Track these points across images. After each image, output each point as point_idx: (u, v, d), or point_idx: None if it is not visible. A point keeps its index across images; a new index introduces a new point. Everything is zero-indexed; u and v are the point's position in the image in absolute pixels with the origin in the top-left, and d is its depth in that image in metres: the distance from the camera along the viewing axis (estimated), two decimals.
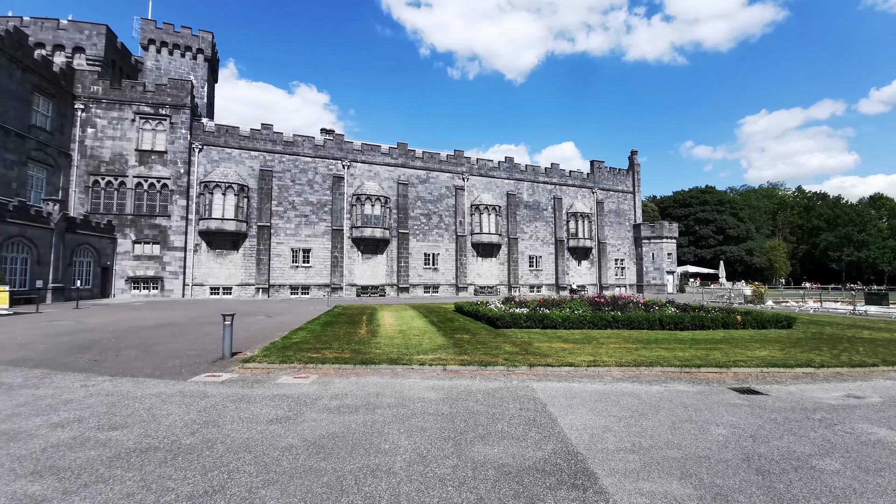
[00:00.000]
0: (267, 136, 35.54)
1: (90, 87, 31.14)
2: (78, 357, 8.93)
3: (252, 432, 4.81)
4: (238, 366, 8.07)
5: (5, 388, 6.45)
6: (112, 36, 37.17)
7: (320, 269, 36.19)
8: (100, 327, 13.71)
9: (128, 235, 31.09)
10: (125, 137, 31.50)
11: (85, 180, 30.61)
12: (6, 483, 3.57)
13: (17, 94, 25.91)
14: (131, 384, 6.84)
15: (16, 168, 25.97)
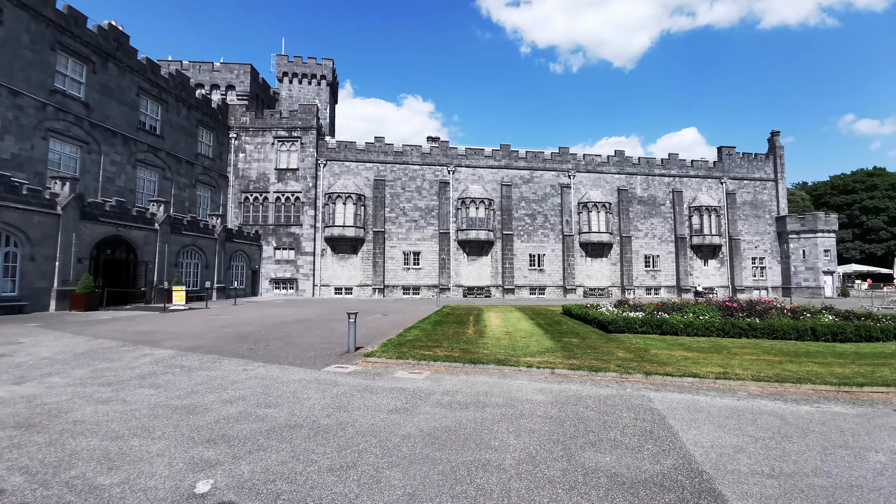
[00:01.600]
0: (379, 149, 38.40)
1: (240, 118, 36.93)
2: (238, 346, 10.71)
3: (375, 419, 5.35)
4: (361, 359, 8.95)
5: (186, 370, 8.05)
6: (255, 73, 43.53)
7: (429, 270, 37.92)
8: (252, 321, 16.20)
9: (270, 242, 36.12)
10: (267, 159, 36.68)
11: (238, 197, 36.36)
12: (187, 449, 4.52)
13: (186, 129, 31.85)
14: (279, 370, 8.03)
15: (188, 189, 31.91)
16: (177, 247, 26.43)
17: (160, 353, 9.54)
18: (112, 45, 25.26)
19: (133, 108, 26.87)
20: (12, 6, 19.69)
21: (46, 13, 21.27)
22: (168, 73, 30.14)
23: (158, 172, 29.13)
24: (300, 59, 47.42)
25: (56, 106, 21.95)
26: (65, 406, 5.74)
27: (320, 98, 47.52)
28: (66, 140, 22.69)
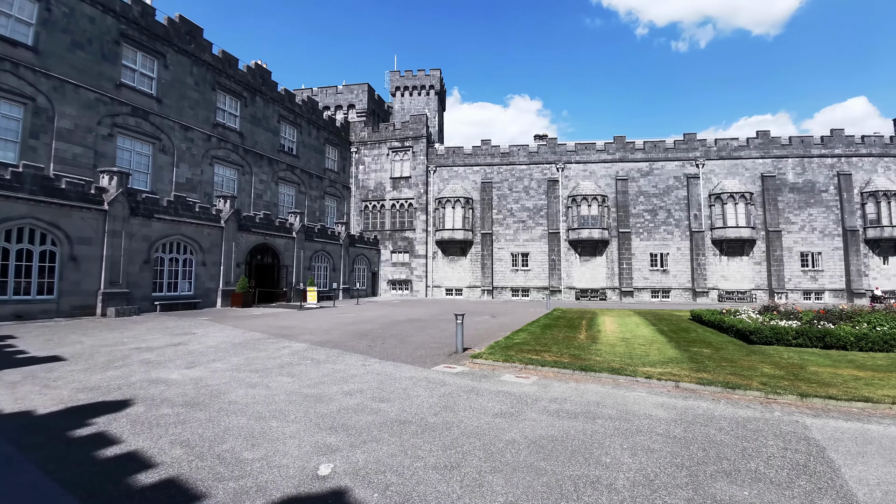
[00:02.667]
0: (486, 151, 38.73)
1: (359, 133, 40.40)
2: (359, 342, 11.67)
3: (480, 422, 5.36)
4: (468, 360, 9.08)
5: (315, 362, 8.99)
6: (371, 91, 47.25)
7: (538, 272, 37.06)
8: (371, 319, 17.54)
9: (387, 247, 38.81)
10: (382, 169, 39.52)
11: (358, 205, 39.79)
12: (313, 433, 5.01)
13: (315, 147, 35.84)
14: (392, 367, 8.54)
15: (318, 201, 35.86)
16: (310, 252, 29.87)
17: (296, 346, 10.83)
18: (258, 81, 29.61)
19: (275, 133, 31.16)
20: (174, 52, 24.19)
21: (205, 58, 25.78)
22: (301, 100, 34.32)
23: (295, 187, 33.30)
24: (410, 73, 50.21)
25: (218, 137, 26.46)
26: (223, 388, 6.83)
27: (429, 107, 49.69)
28: (227, 164, 27.21)
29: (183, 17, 24.35)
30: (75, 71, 19.21)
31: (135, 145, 21.89)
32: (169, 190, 23.09)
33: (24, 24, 17.67)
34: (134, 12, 21.61)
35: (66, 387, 6.74)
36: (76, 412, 5.55)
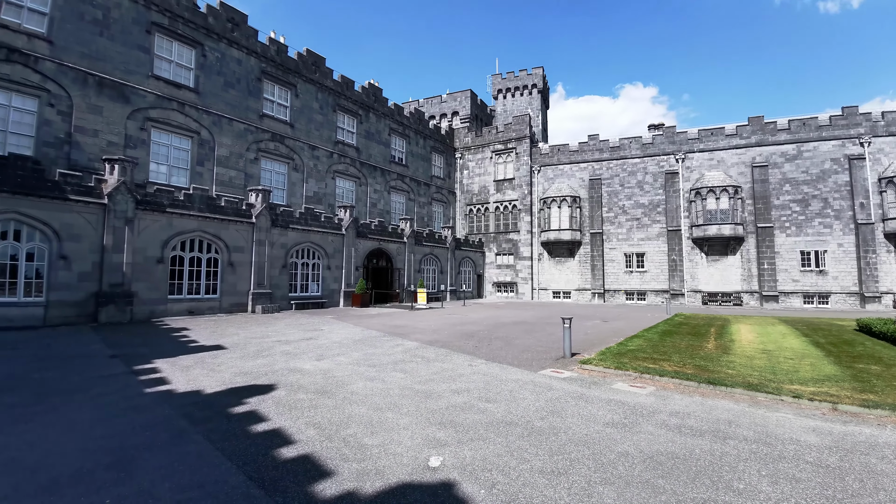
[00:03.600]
0: (594, 146, 36.81)
1: (463, 139, 41.40)
2: (465, 342, 11.98)
3: (590, 430, 5.15)
4: (577, 366, 8.75)
5: (425, 360, 9.45)
6: (474, 97, 48.10)
7: (656, 273, 34.02)
8: (477, 321, 17.84)
9: (491, 249, 39.08)
10: (486, 172, 39.95)
11: (463, 210, 40.74)
12: (424, 427, 5.29)
13: (422, 156, 37.60)
14: (498, 369, 8.62)
15: (425, 207, 37.56)
16: (419, 255, 31.45)
17: (408, 345, 11.52)
18: (371, 98, 32.16)
19: (386, 145, 33.51)
20: (303, 82, 27.32)
21: (327, 83, 28.72)
22: (409, 112, 36.38)
23: (405, 195, 35.38)
24: (512, 74, 49.99)
25: (339, 153, 29.32)
26: (346, 379, 7.58)
27: (532, 107, 48.91)
28: (346, 177, 30.01)
29: (309, 50, 27.56)
30: (229, 106, 22.95)
31: (274, 166, 25.35)
32: (300, 203, 26.25)
33: (185, 68, 21.61)
34: (271, 51, 25.09)
35: (226, 371, 8.10)
36: (234, 393, 6.65)
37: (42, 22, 16.93)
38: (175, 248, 17.85)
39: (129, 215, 16.17)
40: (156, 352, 10.00)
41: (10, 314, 13.71)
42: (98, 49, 18.27)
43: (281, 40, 26.24)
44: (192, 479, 3.81)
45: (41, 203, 14.34)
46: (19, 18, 16.35)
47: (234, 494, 3.56)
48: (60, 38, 17.28)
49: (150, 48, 19.96)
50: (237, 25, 23.46)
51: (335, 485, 3.75)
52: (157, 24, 20.19)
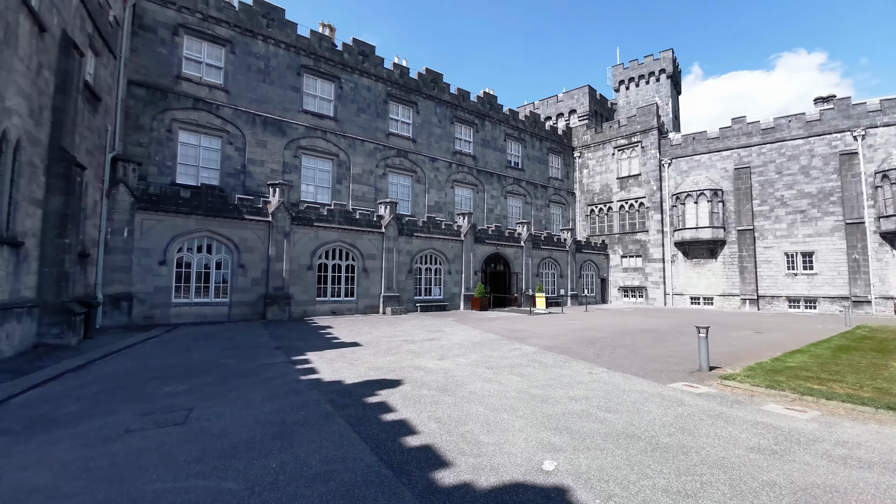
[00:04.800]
0: (739, 131, 32.12)
1: (581, 137, 39.69)
2: (586, 349, 11.53)
3: (727, 453, 4.63)
4: (716, 381, 7.83)
5: (542, 366, 9.36)
6: (592, 92, 45.78)
7: (830, 276, 28.17)
8: (600, 327, 16.95)
9: (616, 251, 36.62)
10: (608, 170, 37.67)
11: (584, 210, 38.97)
12: (539, 431, 5.30)
13: (539, 158, 36.99)
14: (621, 378, 8.16)
15: (543, 210, 36.85)
16: (537, 259, 31.00)
17: (525, 349, 11.53)
18: (486, 107, 32.87)
19: (502, 151, 33.86)
20: (423, 99, 29.06)
21: (445, 98, 30.15)
22: (524, 115, 36.25)
23: (521, 199, 35.26)
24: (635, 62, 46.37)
25: (457, 163, 30.55)
26: (465, 379, 7.95)
27: (660, 94, 44.69)
28: (464, 185, 31.11)
29: (428, 68, 29.38)
30: (361, 129, 25.66)
31: (399, 179, 27.53)
32: (423, 212, 28.01)
33: (326, 101, 24.72)
34: (395, 75, 27.39)
35: (361, 365, 9.12)
36: (368, 385, 7.48)
37: (219, 75, 21.09)
38: (321, 256, 20.55)
39: (287, 230, 19.14)
40: (308, 345, 11.69)
41: (205, 312, 17.29)
42: (262, 93, 22.08)
43: (403, 63, 28.45)
44: (336, 455, 4.47)
45: (226, 222, 17.85)
46: (199, 72, 20.61)
47: (368, 472, 4.08)
48: (234, 87, 21.31)
49: (300, 87, 23.43)
50: (367, 56, 26.15)
51: (453, 475, 4.04)
52: (304, 66, 23.62)
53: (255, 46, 22.02)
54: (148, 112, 18.85)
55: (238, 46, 21.51)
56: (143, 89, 18.77)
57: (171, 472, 4.10)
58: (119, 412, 5.98)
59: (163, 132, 19.25)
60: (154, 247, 16.36)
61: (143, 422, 5.56)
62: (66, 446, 4.74)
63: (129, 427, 5.36)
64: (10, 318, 9.59)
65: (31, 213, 10.54)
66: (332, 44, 24.82)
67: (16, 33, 9.30)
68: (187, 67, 20.15)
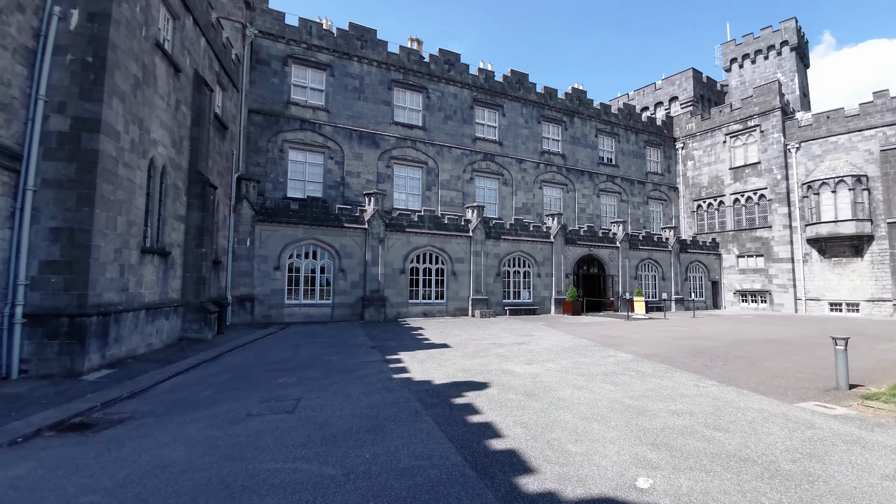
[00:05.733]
0: (883, 106, 26.81)
1: (685, 126, 36.26)
2: (692, 359, 10.50)
3: (860, 482, 3.91)
4: (857, 401, 6.63)
5: (639, 375, 8.72)
6: (697, 74, 41.59)
7: None
8: (710, 336, 15.30)
9: (730, 250, 32.74)
10: (718, 160, 33.89)
11: (689, 206, 35.51)
12: (633, 444, 4.95)
13: (635, 153, 34.53)
14: (735, 394, 7.29)
15: (640, 207, 34.30)
16: (635, 261, 28.95)
17: (621, 356, 10.85)
18: (575, 103, 31.64)
19: (593, 147, 32.30)
20: (509, 101, 28.80)
21: (531, 98, 29.61)
22: (617, 108, 34.19)
23: (616, 197, 33.24)
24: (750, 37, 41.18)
25: (545, 163, 29.82)
26: (553, 385, 7.73)
27: (782, 69, 39.14)
28: (553, 185, 30.25)
29: (513, 70, 29.18)
30: (448, 136, 26.31)
31: (486, 183, 27.67)
32: (510, 215, 27.80)
33: (415, 111, 25.73)
34: (480, 80, 27.64)
35: (450, 367, 9.33)
36: (455, 386, 7.63)
37: (321, 97, 23.11)
38: (412, 260, 21.45)
39: (381, 236, 20.32)
40: (400, 345, 12.28)
41: (311, 312, 19.02)
42: (357, 110, 23.76)
43: (488, 68, 28.61)
44: (423, 451, 4.64)
45: (328, 231, 19.49)
46: (305, 96, 22.74)
47: (452, 471, 4.18)
48: (333, 106, 23.21)
49: (391, 101, 24.78)
50: (452, 65, 26.77)
51: (537, 482, 3.97)
52: (394, 81, 24.93)
53: (350, 67, 23.80)
54: (264, 135, 21.37)
55: (336, 69, 23.42)
56: (261, 116, 21.32)
57: (282, 454, 4.61)
58: (242, 398, 6.87)
59: (276, 152, 21.66)
60: (270, 254, 18.46)
61: (261, 408, 6.31)
62: (200, 426, 5.57)
63: (249, 412, 6.12)
64: (161, 316, 11.51)
65: (175, 228, 12.56)
66: (420, 56, 25.85)
67: (154, 74, 11.17)
68: (295, 93, 22.45)
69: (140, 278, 10.53)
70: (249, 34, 20.58)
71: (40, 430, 5.38)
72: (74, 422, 5.77)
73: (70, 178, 8.46)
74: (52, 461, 4.48)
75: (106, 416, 6.06)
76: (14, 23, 7.69)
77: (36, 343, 7.99)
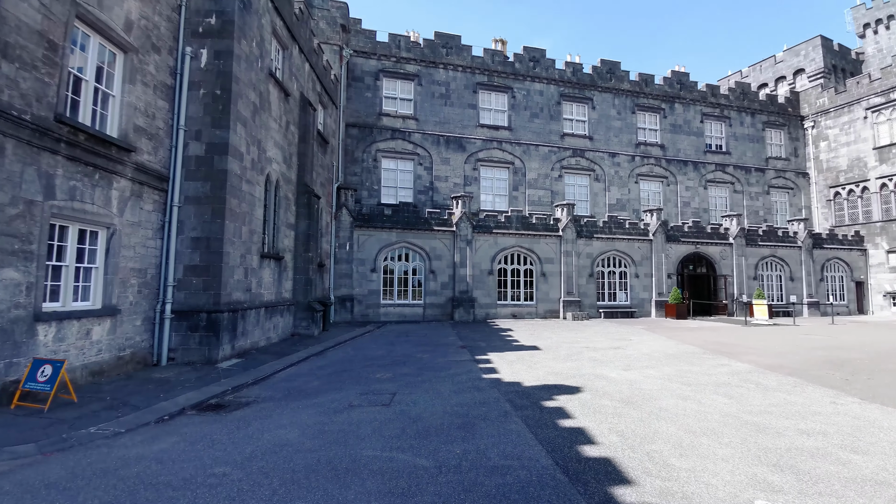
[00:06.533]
0: None
1: (815, 102, 31.32)
2: (828, 373, 9.05)
3: None
4: None
5: (761, 388, 7.73)
6: (827, 42, 35.65)
7: None
8: (854, 346, 13.04)
9: (878, 245, 27.53)
10: (859, 139, 28.73)
11: (825, 194, 30.57)
12: (751, 464, 4.41)
13: (751, 136, 30.56)
14: (879, 412, 6.16)
15: (760, 198, 30.28)
16: (754, 259, 25.67)
17: (736, 366, 9.73)
18: (675, 88, 29.04)
19: (698, 134, 29.33)
20: (599, 92, 27.29)
21: (623, 87, 27.77)
22: (728, 88, 30.68)
23: (728, 187, 29.79)
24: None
25: (640, 155, 27.81)
26: (654, 394, 7.20)
27: None
28: (650, 179, 28.08)
29: (603, 59, 27.72)
30: (534, 134, 25.83)
31: (576, 180, 26.63)
32: (603, 212, 26.39)
33: (500, 112, 25.63)
34: (567, 74, 26.71)
35: (540, 369, 9.16)
36: (546, 389, 7.48)
37: (410, 106, 24.14)
38: (500, 261, 21.43)
39: (469, 238, 20.62)
40: (489, 346, 12.35)
41: (404, 312, 19.93)
42: (444, 115, 24.40)
43: (576, 60, 27.56)
44: (512, 451, 4.64)
45: (419, 234, 20.29)
46: (395, 107, 23.90)
47: (542, 473, 4.12)
48: (421, 114, 24.10)
49: (476, 104, 25.06)
50: (537, 61, 26.25)
51: (635, 495, 3.75)
52: (479, 84, 25.16)
53: (436, 75, 24.54)
54: (360, 146, 22.94)
55: (423, 78, 24.31)
56: (356, 129, 22.93)
57: (380, 443, 4.93)
58: (345, 390, 7.46)
59: (370, 161, 23.12)
60: (367, 257, 19.75)
61: (361, 400, 6.81)
62: (310, 413, 6.17)
63: (351, 403, 6.63)
64: (276, 314, 12.92)
65: (287, 235, 14.03)
66: (504, 56, 25.76)
67: (268, 100, 12.58)
68: (386, 104, 23.77)
69: (260, 280, 11.95)
70: (346, 55, 22.25)
71: (184, 409, 6.38)
72: (211, 403, 6.75)
73: (206, 195, 9.93)
74: (192, 436, 5.30)
75: (235, 399, 6.99)
76: (151, 62, 9.18)
77: (181, 335, 9.48)
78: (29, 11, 6.34)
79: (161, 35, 9.42)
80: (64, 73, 6.99)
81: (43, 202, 6.66)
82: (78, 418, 5.71)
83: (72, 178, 7.20)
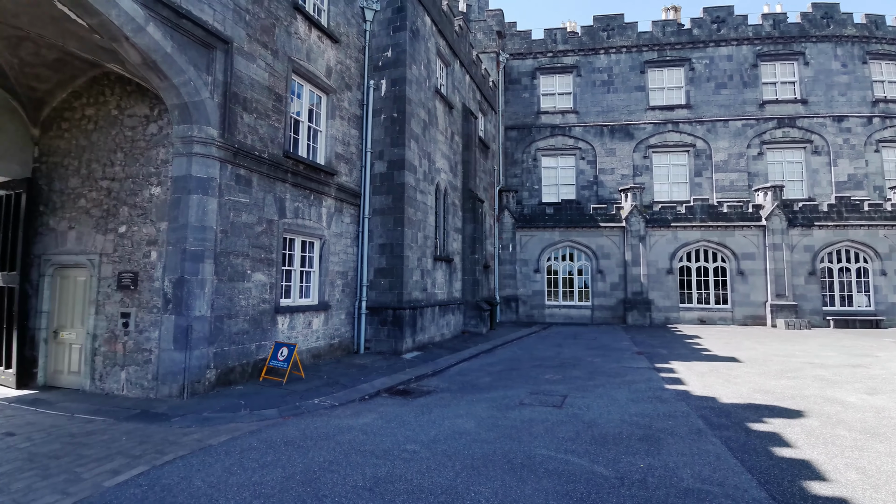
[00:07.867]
0: None
1: None
2: None
3: None
4: None
5: None
6: None
7: None
8: None
9: None
10: None
11: None
12: None
13: None
14: None
15: None
16: None
17: None
18: None
19: None
20: (812, 44, 21.46)
21: (846, 32, 21.33)
22: None
23: None
24: None
25: (880, 115, 21.08)
26: None
27: None
28: None
29: (814, 3, 21.99)
30: (721, 108, 21.99)
31: (783, 156, 21.69)
32: (827, 193, 20.81)
33: (674, 89, 22.47)
34: (765, 29, 21.99)
35: (742, 385, 7.73)
36: (752, 409, 6.28)
37: (568, 100, 23.19)
38: (681, 259, 18.92)
39: (641, 233, 18.77)
40: (672, 354, 11.00)
41: (571, 314, 19.23)
42: (607, 104, 22.78)
43: (777, 10, 22.61)
44: (711, 476, 4.02)
45: (583, 232, 19.39)
46: (553, 103, 23.24)
47: None
48: (581, 106, 22.94)
49: (644, 85, 22.68)
50: (723, 22, 22.37)
51: None
52: (647, 62, 22.71)
53: (597, 62, 23.06)
54: (519, 148, 23.11)
55: (582, 68, 23.13)
56: (515, 131, 23.18)
57: (553, 444, 4.85)
58: (514, 388, 7.58)
59: (530, 162, 23.07)
60: (529, 257, 19.74)
61: (531, 399, 6.82)
62: (483, 406, 6.44)
63: (521, 401, 6.70)
64: (448, 312, 13.90)
65: (455, 238, 15.00)
66: (679, 25, 22.69)
67: (435, 115, 13.61)
68: (543, 102, 23.41)
69: (434, 280, 13.06)
70: (502, 60, 22.73)
71: (379, 391, 7.36)
72: (399, 388, 7.65)
73: (388, 206, 11.34)
74: (386, 415, 6.07)
75: (418, 387, 7.77)
76: (345, 98, 10.88)
77: (373, 328, 10.99)
78: (259, 71, 8.22)
79: (351, 75, 11.15)
80: (288, 117, 8.87)
81: (278, 220, 8.55)
82: (306, 391, 7.13)
83: (296, 200, 9.07)
